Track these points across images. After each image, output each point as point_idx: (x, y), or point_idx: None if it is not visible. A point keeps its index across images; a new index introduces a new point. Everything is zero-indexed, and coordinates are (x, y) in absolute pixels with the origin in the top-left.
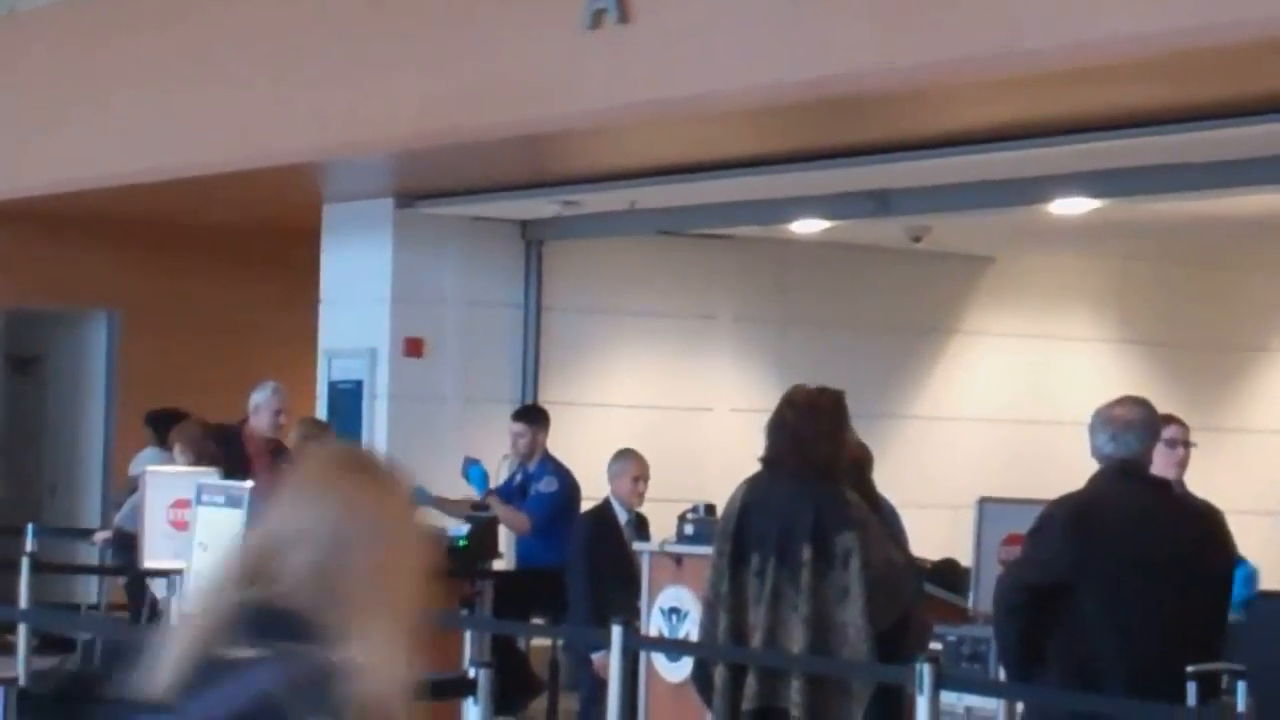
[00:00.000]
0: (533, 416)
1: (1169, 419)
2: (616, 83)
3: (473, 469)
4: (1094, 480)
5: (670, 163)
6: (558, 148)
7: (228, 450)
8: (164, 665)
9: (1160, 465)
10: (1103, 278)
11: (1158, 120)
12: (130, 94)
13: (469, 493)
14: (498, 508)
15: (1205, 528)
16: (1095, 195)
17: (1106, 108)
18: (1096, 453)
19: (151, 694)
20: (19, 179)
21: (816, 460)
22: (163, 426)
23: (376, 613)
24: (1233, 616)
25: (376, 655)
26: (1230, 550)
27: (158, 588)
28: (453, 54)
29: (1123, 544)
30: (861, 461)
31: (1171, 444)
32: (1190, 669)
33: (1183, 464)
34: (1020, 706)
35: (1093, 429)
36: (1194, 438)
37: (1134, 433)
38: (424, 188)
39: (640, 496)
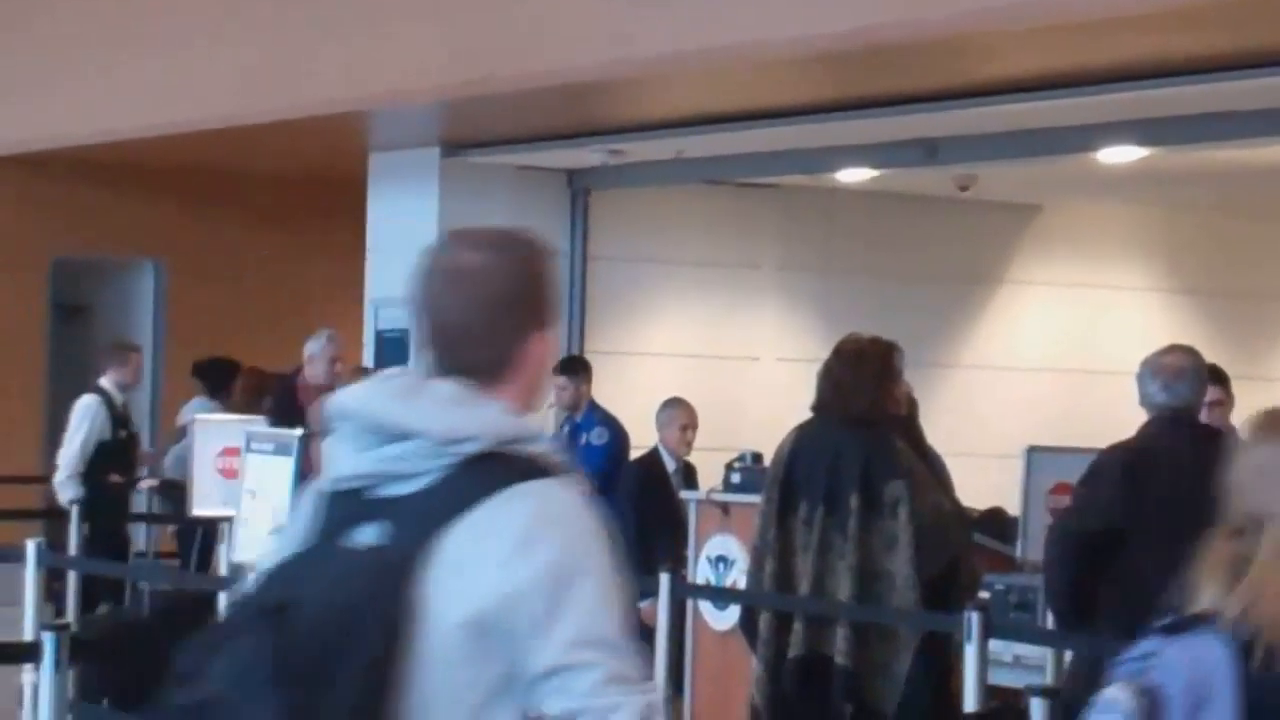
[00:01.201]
0: (575, 368)
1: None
2: (663, 31)
3: None
4: (1145, 429)
5: (717, 111)
6: (604, 96)
7: (280, 399)
8: None
9: None
10: (1150, 227)
11: (1206, 68)
12: (177, 42)
13: None
14: None
15: None
16: (1143, 144)
17: (1155, 55)
18: (1147, 401)
19: None
20: (66, 128)
21: (864, 409)
22: (211, 376)
23: None
24: None
25: None
26: None
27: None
28: (499, 1)
29: (1174, 492)
30: (910, 411)
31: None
32: None
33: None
34: (1069, 655)
35: (1142, 378)
36: (1241, 388)
37: (1185, 382)
38: (470, 137)
39: (688, 445)
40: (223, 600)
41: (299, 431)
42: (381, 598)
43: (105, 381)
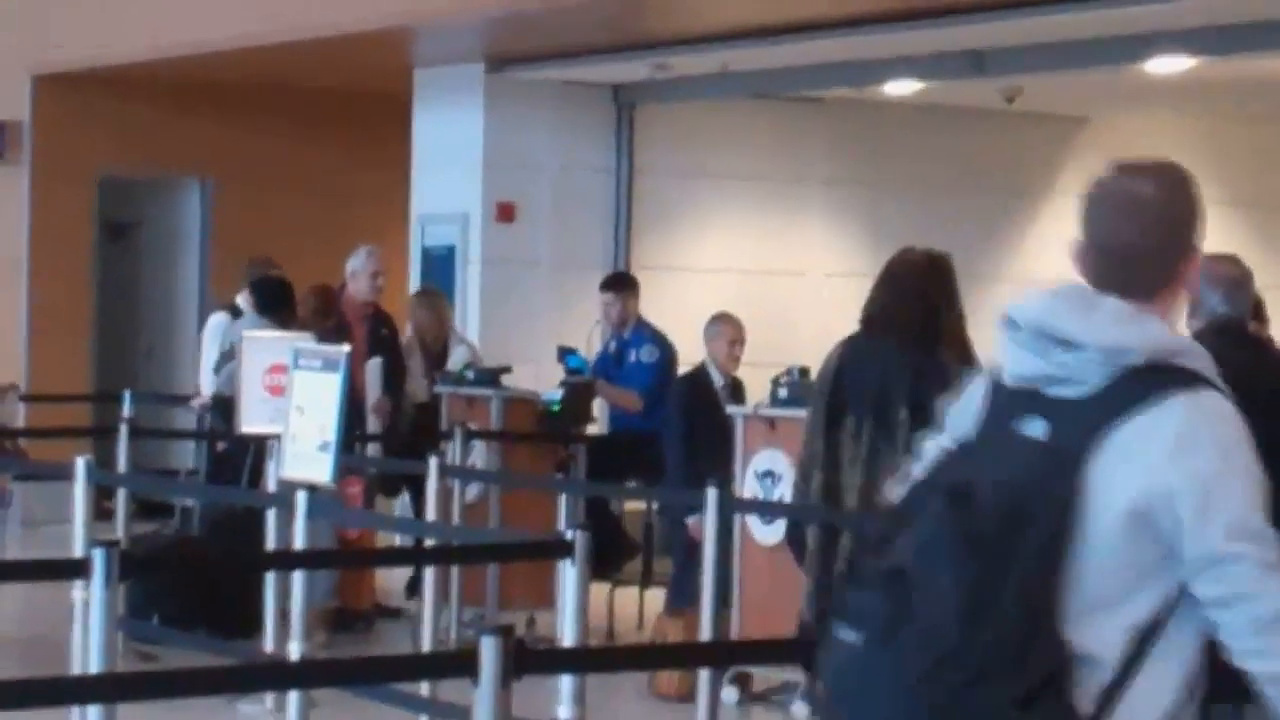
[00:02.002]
0: (620, 284)
1: None
2: None
3: (570, 358)
4: (1196, 339)
5: (763, 24)
6: (649, 9)
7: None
8: None
9: None
10: (1198, 138)
11: None
12: None
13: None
14: (606, 392)
15: None
16: (1192, 53)
17: None
18: (1201, 311)
19: None
20: (111, 46)
21: (914, 322)
22: (260, 294)
23: None
24: None
25: None
26: None
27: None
28: None
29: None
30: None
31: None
32: None
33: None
34: None
35: (1198, 288)
36: None
37: (1244, 291)
38: (514, 52)
39: (736, 360)
40: (271, 517)
41: (346, 348)
42: (1056, 483)
43: (241, 299)
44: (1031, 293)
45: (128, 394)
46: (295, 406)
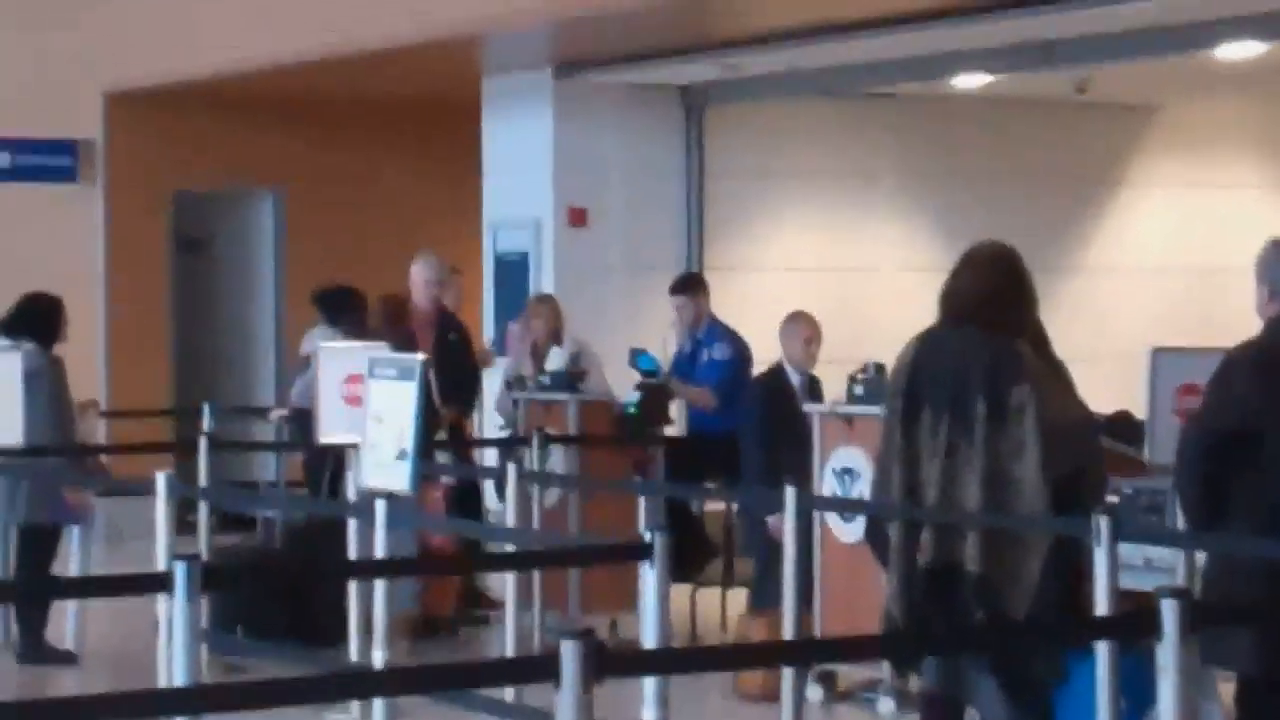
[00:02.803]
0: (691, 286)
1: None
2: None
3: (642, 358)
4: (1275, 324)
5: (830, 21)
6: (715, 10)
7: (399, 323)
8: None
9: None
10: (1271, 123)
11: None
12: None
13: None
14: (681, 390)
15: None
16: (1263, 38)
17: None
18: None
19: None
20: (184, 62)
21: (992, 313)
22: (331, 304)
23: None
24: None
25: None
26: None
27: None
28: None
29: None
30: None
31: None
32: None
33: None
34: (1201, 557)
35: (1276, 273)
36: None
37: None
38: (582, 56)
39: (812, 358)
40: (351, 527)
41: (421, 356)
42: None
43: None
44: None
45: (207, 407)
46: (373, 416)
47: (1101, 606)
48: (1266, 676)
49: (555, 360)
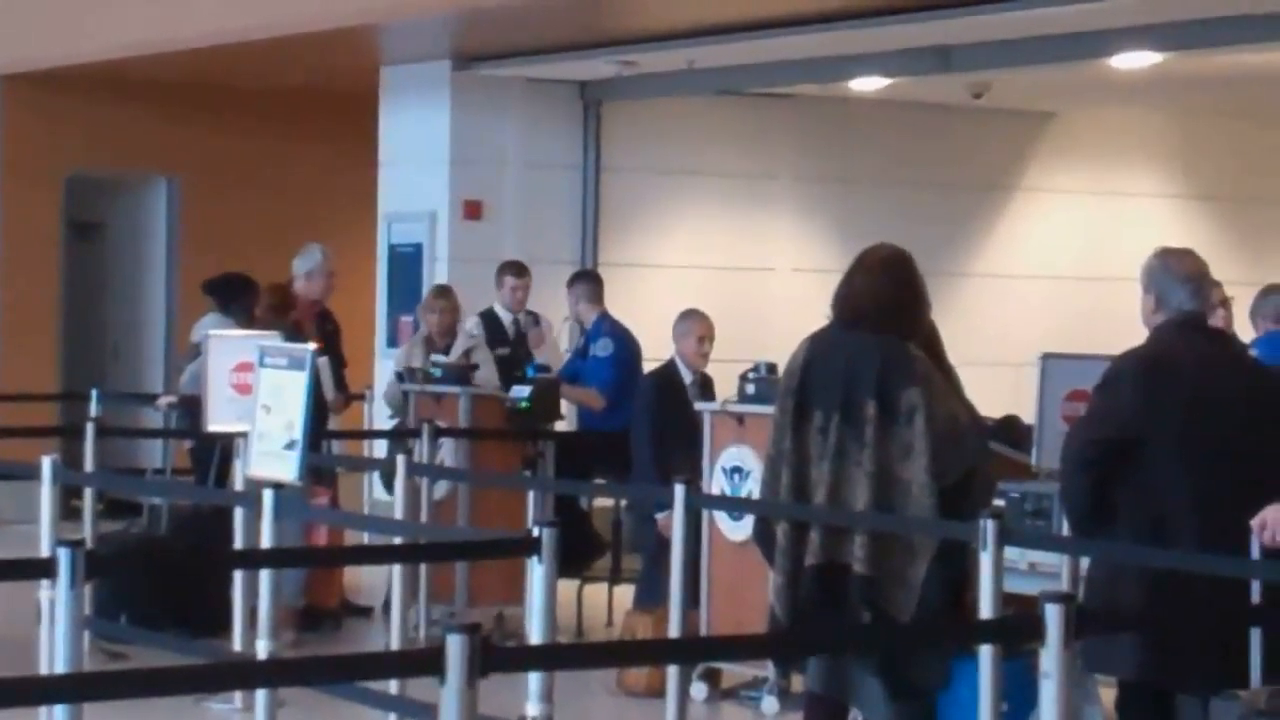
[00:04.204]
0: (573, 280)
1: None
2: None
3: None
4: (1160, 333)
5: (729, 21)
6: (615, 6)
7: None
8: None
9: None
10: (1164, 133)
11: None
12: None
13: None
14: (567, 392)
15: (1268, 377)
16: (1157, 49)
17: None
18: (1168, 307)
19: None
20: (80, 45)
21: (883, 315)
22: (222, 292)
23: None
24: None
25: None
26: None
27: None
28: None
29: (1192, 397)
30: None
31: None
32: None
33: (1228, 324)
34: (1084, 562)
35: (1164, 283)
36: (1254, 293)
37: (1208, 285)
38: (482, 49)
39: (705, 357)
40: (238, 516)
41: (312, 346)
42: None
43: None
44: None
45: (95, 393)
46: (262, 405)
47: (986, 610)
48: (1147, 682)
49: (455, 354)
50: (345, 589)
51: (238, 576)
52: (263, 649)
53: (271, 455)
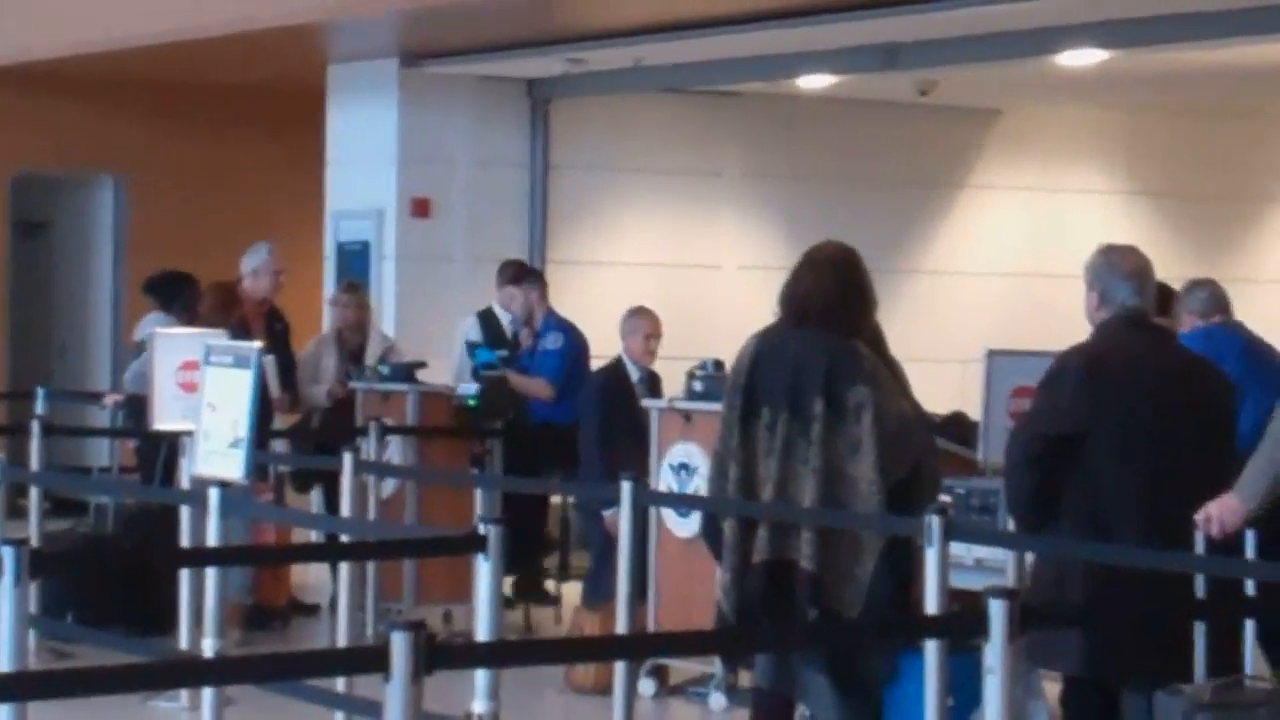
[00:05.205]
0: (522, 277)
1: None
2: None
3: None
4: (1103, 330)
5: (676, 19)
6: (563, 5)
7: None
8: None
9: None
10: (1111, 130)
11: None
12: None
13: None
14: (516, 381)
15: (1210, 373)
16: (1104, 46)
17: None
18: (1111, 303)
19: None
20: (25, 42)
21: (830, 312)
22: (163, 290)
23: None
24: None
25: None
26: (1234, 397)
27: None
28: None
29: (1136, 392)
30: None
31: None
32: None
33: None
34: (1030, 557)
35: (1108, 280)
36: None
37: (1152, 283)
38: (429, 47)
39: (652, 354)
40: (184, 514)
41: (258, 344)
42: None
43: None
44: None
45: (41, 392)
46: (207, 403)
47: (932, 606)
48: (1091, 677)
49: (375, 351)
50: (293, 587)
51: (184, 575)
52: (209, 647)
53: (217, 454)
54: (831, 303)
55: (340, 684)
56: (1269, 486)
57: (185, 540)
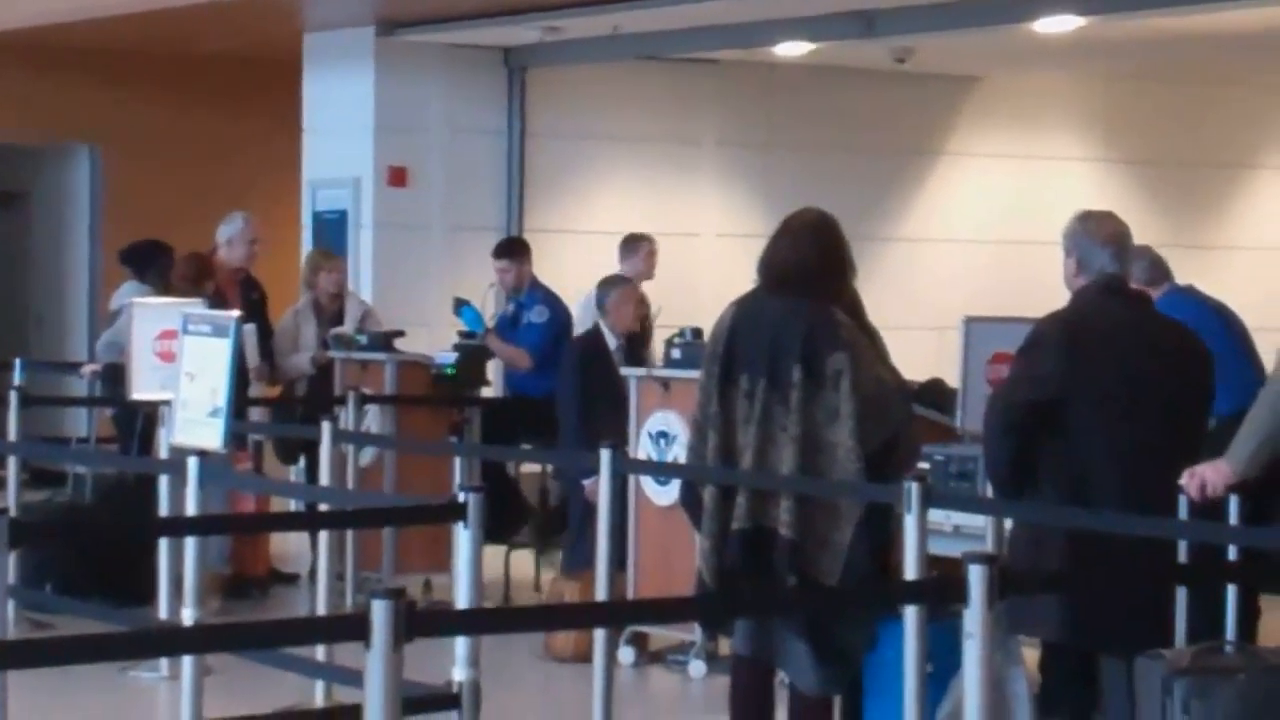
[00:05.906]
0: (514, 250)
1: None
2: None
3: (465, 310)
4: (1081, 296)
5: None
6: None
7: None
8: None
9: None
10: (1088, 97)
11: None
12: None
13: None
14: (497, 347)
15: (1188, 340)
16: (1080, 13)
17: None
18: (1089, 269)
19: None
20: (1, 12)
21: (809, 279)
22: (138, 259)
23: None
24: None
25: None
26: (1212, 363)
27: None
28: None
29: (1114, 359)
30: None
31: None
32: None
33: None
34: (1009, 524)
35: (1085, 246)
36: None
37: (1129, 250)
38: (405, 15)
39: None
40: (163, 484)
41: (236, 313)
42: None
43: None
44: None
45: (18, 362)
46: (185, 373)
47: (910, 573)
48: (1070, 643)
49: (354, 319)
50: (272, 557)
51: (163, 544)
52: (188, 616)
53: (196, 423)
54: (810, 270)
55: (320, 652)
56: (1256, 450)
57: (164, 510)
